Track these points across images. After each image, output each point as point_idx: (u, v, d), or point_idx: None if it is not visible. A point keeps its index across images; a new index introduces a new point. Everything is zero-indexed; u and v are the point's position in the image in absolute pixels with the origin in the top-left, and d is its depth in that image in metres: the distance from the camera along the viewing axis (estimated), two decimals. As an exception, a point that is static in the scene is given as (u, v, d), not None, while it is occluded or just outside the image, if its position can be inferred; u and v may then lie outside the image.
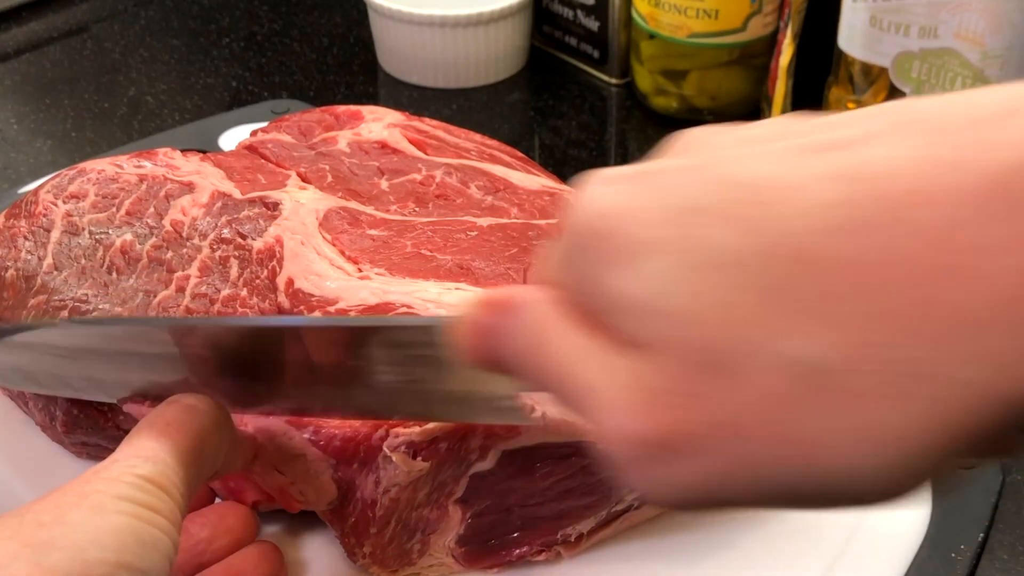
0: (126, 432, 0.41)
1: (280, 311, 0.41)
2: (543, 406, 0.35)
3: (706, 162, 0.23)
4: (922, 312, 0.19)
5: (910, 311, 0.19)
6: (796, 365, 0.20)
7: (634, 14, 0.75)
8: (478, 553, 0.42)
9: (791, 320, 0.20)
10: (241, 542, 0.41)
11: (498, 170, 0.49)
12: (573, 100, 0.80)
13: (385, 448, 0.37)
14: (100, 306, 0.43)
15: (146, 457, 0.32)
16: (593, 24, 0.79)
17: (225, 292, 0.42)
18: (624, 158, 0.75)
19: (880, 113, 0.22)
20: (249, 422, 0.40)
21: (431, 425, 0.37)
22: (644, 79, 0.76)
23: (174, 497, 0.32)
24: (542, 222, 0.45)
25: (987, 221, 0.19)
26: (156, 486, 0.32)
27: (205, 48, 0.88)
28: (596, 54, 0.81)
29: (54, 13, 0.92)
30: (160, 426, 0.34)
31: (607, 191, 0.24)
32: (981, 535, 0.44)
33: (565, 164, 0.72)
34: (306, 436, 0.39)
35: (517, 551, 0.43)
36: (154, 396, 0.37)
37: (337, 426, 0.39)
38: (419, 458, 0.37)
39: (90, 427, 0.45)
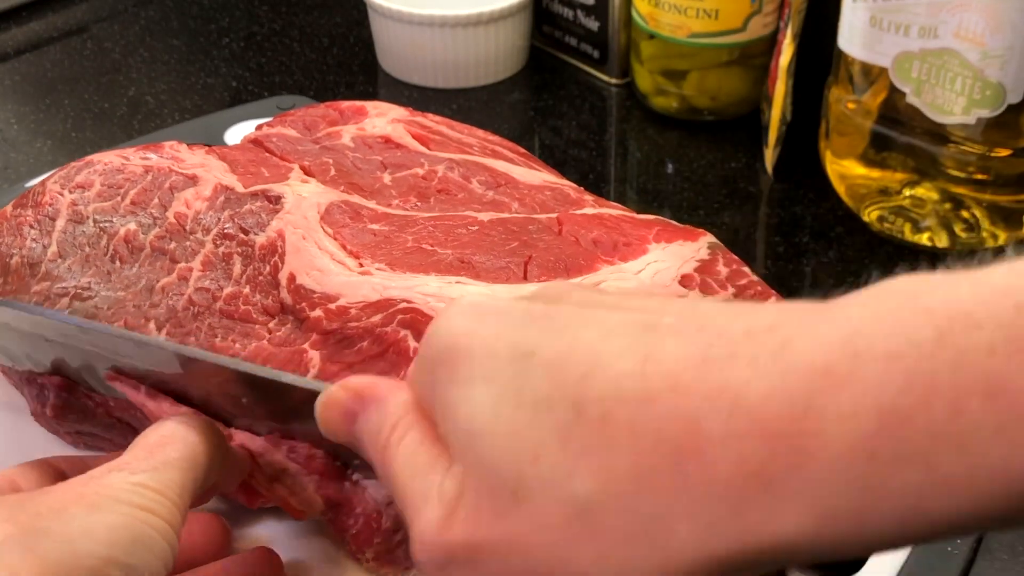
0: (117, 419, 0.42)
1: (282, 307, 0.42)
2: None
3: (555, 314, 0.27)
4: (670, 479, 0.24)
5: (661, 476, 0.24)
6: (573, 501, 0.24)
7: (634, 14, 0.75)
8: None
9: (579, 463, 0.24)
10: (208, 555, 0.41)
11: (500, 165, 0.49)
12: (573, 100, 0.80)
13: None
14: (102, 293, 0.44)
15: (142, 467, 0.34)
16: (593, 24, 0.79)
17: (228, 290, 0.43)
18: (624, 158, 0.75)
19: (678, 311, 0.27)
20: (236, 437, 0.40)
21: None
22: (644, 79, 0.77)
23: (172, 500, 0.33)
24: (543, 216, 0.46)
25: (716, 417, 0.23)
26: (153, 491, 0.33)
27: (205, 48, 0.88)
28: (596, 54, 0.81)
29: (54, 13, 0.92)
30: (155, 439, 0.35)
31: (466, 318, 0.28)
32: (977, 530, 0.44)
33: (565, 164, 0.72)
34: (284, 453, 0.39)
35: None
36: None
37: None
38: None
39: (81, 412, 0.45)
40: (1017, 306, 0.22)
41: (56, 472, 0.37)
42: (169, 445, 0.35)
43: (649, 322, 0.26)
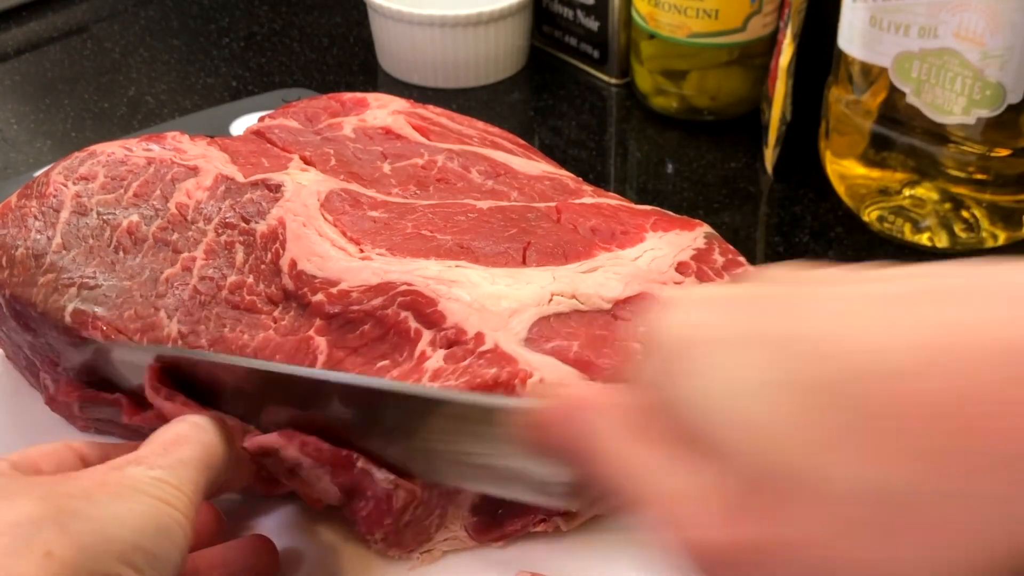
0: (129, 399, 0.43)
1: (285, 294, 0.43)
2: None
3: (795, 296, 0.26)
4: (975, 456, 0.22)
5: (966, 454, 0.22)
6: (870, 493, 0.22)
7: (634, 14, 0.75)
8: (488, 524, 0.44)
9: (866, 450, 0.23)
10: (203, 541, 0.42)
11: (499, 155, 0.50)
12: (573, 100, 0.80)
13: None
14: (108, 283, 0.45)
15: (159, 462, 0.35)
16: (593, 24, 0.80)
17: (232, 279, 0.44)
18: (624, 157, 0.75)
19: (944, 273, 0.25)
20: (250, 434, 0.41)
21: None
22: (644, 79, 0.77)
23: (188, 496, 0.35)
24: (542, 205, 0.46)
25: (1007, 382, 0.22)
26: (171, 486, 0.34)
27: (205, 48, 0.89)
28: (596, 54, 0.81)
29: (54, 13, 0.93)
30: (171, 436, 0.37)
31: (692, 310, 0.27)
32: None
33: (565, 164, 0.72)
34: (297, 448, 0.39)
35: (521, 521, 0.44)
36: None
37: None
38: None
39: (100, 402, 0.46)
40: None
41: (76, 456, 0.38)
42: (184, 444, 0.36)
43: (902, 291, 0.24)
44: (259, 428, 0.41)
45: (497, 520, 0.44)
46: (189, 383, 0.42)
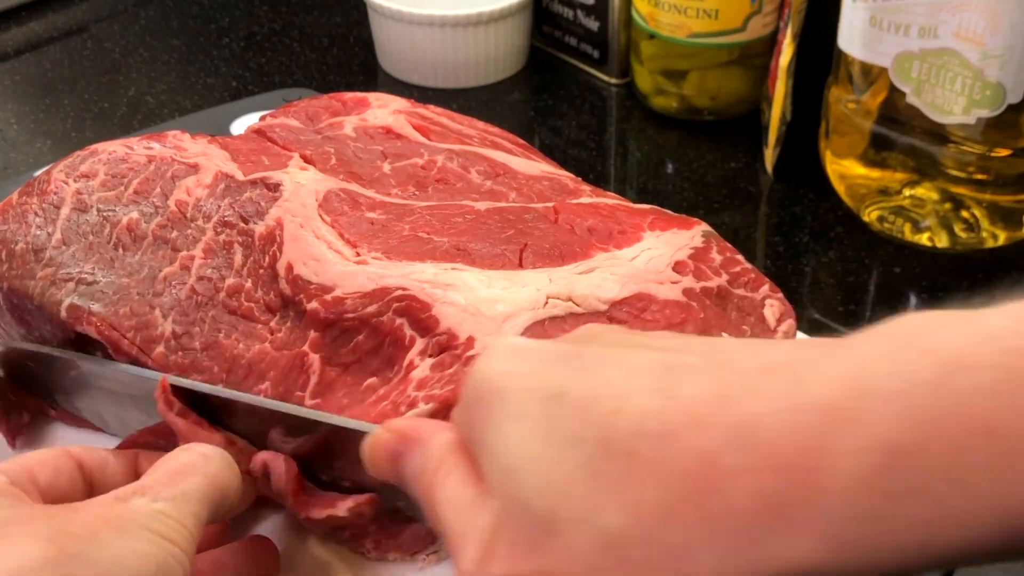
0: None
1: (283, 300, 0.43)
2: None
3: (585, 354, 0.29)
4: (693, 511, 0.25)
5: (684, 508, 0.25)
6: (602, 535, 0.26)
7: (634, 14, 0.76)
8: None
9: (608, 498, 0.26)
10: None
11: (499, 156, 0.50)
12: (573, 100, 0.80)
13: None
14: (106, 279, 0.45)
15: (164, 494, 0.35)
16: (593, 24, 0.80)
17: (230, 281, 0.44)
18: (624, 157, 0.75)
19: (700, 350, 0.29)
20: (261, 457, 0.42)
21: (410, 413, 0.39)
22: (644, 79, 0.77)
23: (189, 530, 0.35)
24: (539, 206, 0.47)
25: (734, 451, 0.25)
26: (174, 520, 0.35)
27: (205, 48, 0.89)
28: (596, 54, 0.81)
29: (54, 13, 0.93)
30: (178, 466, 0.37)
31: (503, 359, 0.30)
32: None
33: (565, 164, 0.72)
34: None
35: None
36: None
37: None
38: None
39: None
40: (1004, 350, 0.24)
41: (74, 463, 0.38)
42: (190, 475, 0.37)
43: (671, 361, 0.28)
44: (266, 447, 0.42)
45: None
46: (199, 398, 0.42)
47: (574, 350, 0.30)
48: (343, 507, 0.40)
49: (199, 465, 0.37)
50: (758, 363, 0.27)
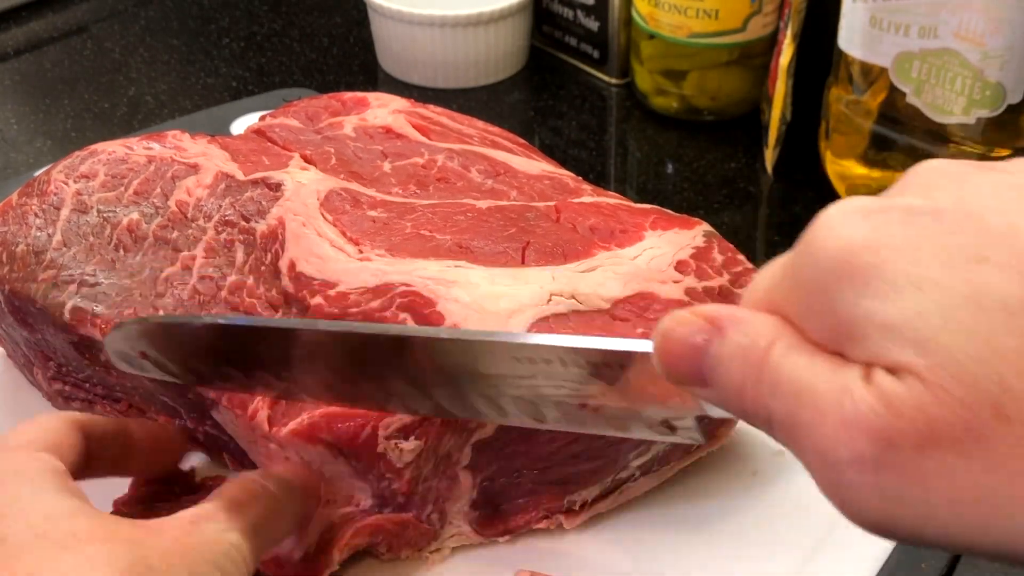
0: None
1: (285, 297, 0.43)
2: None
3: (974, 208, 0.24)
4: None
5: None
6: None
7: (634, 14, 0.76)
8: (491, 518, 0.44)
9: None
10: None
11: (499, 155, 0.50)
12: (573, 100, 0.81)
13: (380, 437, 0.38)
14: (108, 281, 0.45)
15: (234, 524, 0.36)
16: (593, 24, 0.80)
17: (232, 278, 0.44)
18: (624, 158, 0.76)
19: None
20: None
21: None
22: (644, 79, 0.77)
23: (249, 564, 0.36)
24: (541, 204, 0.47)
25: None
26: (241, 557, 0.36)
27: (205, 48, 0.89)
28: (596, 54, 0.82)
29: (54, 13, 0.93)
30: (244, 496, 0.38)
31: (854, 226, 0.25)
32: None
33: (565, 164, 0.73)
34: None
35: (524, 517, 0.44)
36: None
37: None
38: (412, 439, 0.39)
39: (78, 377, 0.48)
40: None
41: (80, 437, 0.38)
42: (255, 506, 0.37)
43: None
44: (295, 394, 0.41)
45: (500, 514, 0.44)
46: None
47: (932, 206, 0.25)
48: None
49: (263, 495, 0.38)
50: None
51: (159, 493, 0.44)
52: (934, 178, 0.26)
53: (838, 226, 0.25)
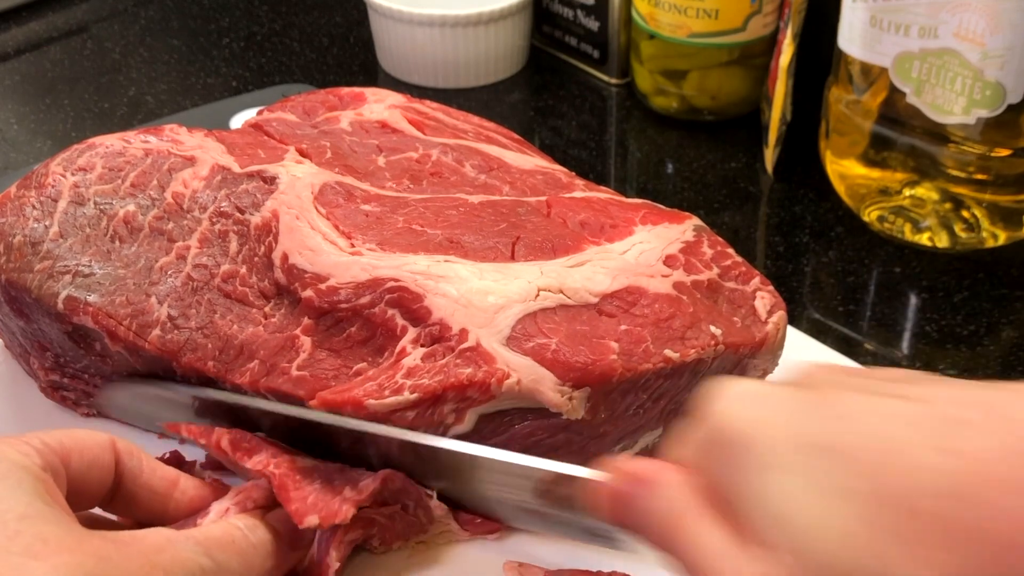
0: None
1: (278, 288, 0.44)
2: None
3: (842, 408, 0.29)
4: (993, 573, 0.25)
5: (985, 570, 0.25)
6: None
7: (634, 14, 0.77)
8: (478, 515, 0.45)
9: (901, 556, 0.26)
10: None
11: (493, 150, 0.51)
12: (573, 100, 0.81)
13: None
14: (102, 271, 0.46)
15: (208, 553, 0.36)
16: (593, 24, 0.81)
17: (225, 267, 0.45)
18: (624, 158, 0.76)
19: (975, 403, 0.28)
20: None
21: (393, 399, 0.40)
22: (644, 79, 0.78)
23: None
24: (532, 199, 0.47)
25: None
26: None
27: (205, 48, 0.90)
28: (596, 54, 0.82)
29: (54, 13, 0.94)
30: (228, 540, 0.38)
31: (745, 406, 0.30)
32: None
33: (565, 164, 0.73)
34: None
35: None
36: None
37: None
38: None
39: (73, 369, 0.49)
40: None
41: (111, 460, 0.39)
42: (232, 549, 0.38)
43: (941, 413, 0.28)
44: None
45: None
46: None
47: (819, 397, 0.29)
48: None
49: (242, 542, 0.38)
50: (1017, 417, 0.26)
51: None
52: (820, 377, 0.31)
53: (729, 403, 0.30)
